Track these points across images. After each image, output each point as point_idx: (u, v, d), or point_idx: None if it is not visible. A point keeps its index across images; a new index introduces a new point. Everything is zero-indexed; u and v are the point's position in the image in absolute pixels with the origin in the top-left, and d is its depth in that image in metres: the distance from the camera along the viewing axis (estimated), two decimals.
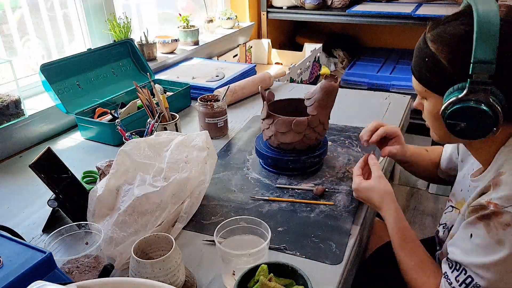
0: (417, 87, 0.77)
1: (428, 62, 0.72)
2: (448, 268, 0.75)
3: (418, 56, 0.75)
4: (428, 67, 0.72)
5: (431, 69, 0.72)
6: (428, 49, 0.72)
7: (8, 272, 0.56)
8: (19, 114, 1.23)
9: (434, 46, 0.71)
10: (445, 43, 0.69)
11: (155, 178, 0.84)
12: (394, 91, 2.25)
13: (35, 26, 1.50)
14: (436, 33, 0.71)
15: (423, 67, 0.73)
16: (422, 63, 0.73)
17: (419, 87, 0.76)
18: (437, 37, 0.71)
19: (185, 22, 1.99)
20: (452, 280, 0.73)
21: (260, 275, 0.66)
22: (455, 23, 0.70)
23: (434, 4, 2.47)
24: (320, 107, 1.01)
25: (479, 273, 0.69)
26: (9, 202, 1.01)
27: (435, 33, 0.72)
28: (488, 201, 0.68)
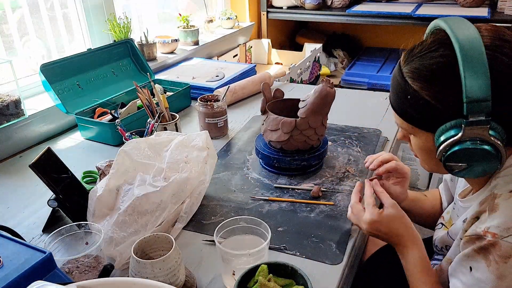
0: (402, 125, 0.71)
1: (411, 100, 0.66)
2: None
3: (399, 93, 0.68)
4: (412, 105, 0.66)
5: (416, 107, 0.66)
6: (408, 86, 0.66)
7: (8, 272, 0.56)
8: (19, 114, 1.23)
9: (415, 83, 0.65)
10: (427, 80, 0.64)
11: (155, 178, 0.84)
12: None
13: (35, 26, 1.50)
14: (413, 69, 0.65)
15: (406, 105, 0.67)
16: (404, 101, 0.67)
17: (404, 124, 0.70)
18: (416, 73, 0.65)
19: (185, 22, 1.99)
20: None
21: (260, 275, 0.66)
22: (433, 55, 0.64)
23: (434, 4, 2.47)
24: (312, 111, 0.99)
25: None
26: (9, 202, 1.01)
27: (413, 68, 0.65)
28: (485, 231, 0.63)
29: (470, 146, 0.62)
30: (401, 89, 0.67)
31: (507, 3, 2.17)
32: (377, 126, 1.31)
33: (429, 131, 0.67)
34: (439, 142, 0.65)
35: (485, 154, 0.62)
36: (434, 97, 0.63)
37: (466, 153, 0.63)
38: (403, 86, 0.67)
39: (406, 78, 0.66)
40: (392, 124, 1.33)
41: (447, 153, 0.64)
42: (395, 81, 0.69)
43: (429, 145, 0.69)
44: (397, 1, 2.60)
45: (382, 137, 1.24)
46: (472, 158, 0.63)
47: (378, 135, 1.25)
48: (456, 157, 0.64)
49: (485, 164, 0.63)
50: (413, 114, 0.67)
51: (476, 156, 0.62)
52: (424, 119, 0.66)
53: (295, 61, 2.26)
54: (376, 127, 1.30)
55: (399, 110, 0.70)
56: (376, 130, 1.28)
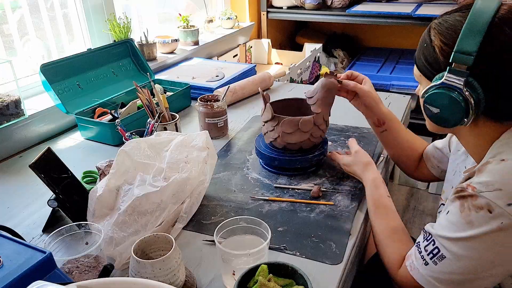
0: (415, 70, 0.80)
1: (425, 48, 0.75)
2: (422, 238, 0.77)
3: (421, 43, 0.77)
4: (424, 52, 0.75)
5: (426, 55, 0.75)
6: (428, 35, 0.75)
7: (8, 272, 0.56)
8: (19, 114, 1.23)
9: (432, 33, 0.74)
10: (441, 31, 0.72)
11: (155, 178, 0.84)
12: (394, 91, 2.25)
13: (35, 26, 1.50)
14: (439, 22, 0.74)
15: (420, 52, 0.77)
16: (421, 48, 0.77)
17: (416, 70, 0.79)
18: (437, 25, 0.73)
19: (185, 22, 1.99)
20: (422, 249, 0.75)
21: (260, 275, 0.66)
22: (456, 14, 0.72)
23: (434, 4, 2.47)
24: (323, 104, 1.03)
25: (446, 245, 0.71)
26: (9, 202, 1.01)
27: (439, 21, 0.74)
28: (468, 184, 0.70)
29: (443, 91, 0.70)
30: (423, 38, 0.76)
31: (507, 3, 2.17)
32: None
33: (429, 80, 0.75)
34: None
35: (454, 102, 0.69)
36: (440, 48, 0.72)
37: (439, 97, 0.71)
38: (425, 35, 0.76)
39: (430, 30, 0.75)
40: None
41: (426, 95, 0.73)
42: (423, 34, 0.77)
43: None
44: (397, 1, 2.60)
45: None
46: (443, 104, 0.71)
47: None
48: (432, 100, 0.73)
49: (452, 112, 0.71)
50: (423, 61, 0.76)
51: (446, 102, 0.70)
52: (429, 68, 0.75)
53: (295, 61, 2.26)
54: None
55: (417, 58, 0.78)
56: None
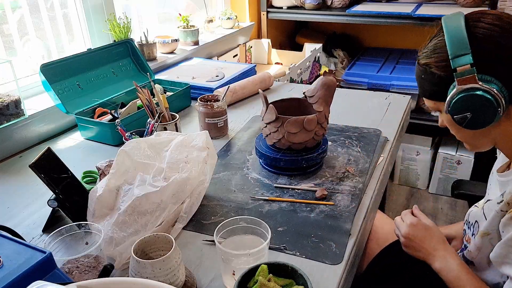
0: (430, 104, 0.83)
1: (425, 78, 0.80)
2: None
3: (418, 78, 0.83)
4: (427, 82, 0.80)
5: (430, 82, 0.80)
6: (421, 67, 0.80)
7: (8, 272, 0.56)
8: (19, 114, 1.23)
9: (423, 62, 0.80)
10: (429, 56, 0.78)
11: (155, 178, 0.84)
12: (394, 91, 2.25)
13: (35, 26, 1.50)
14: (422, 52, 0.81)
15: (424, 85, 0.81)
16: (422, 81, 0.81)
17: (431, 103, 0.83)
18: (424, 54, 0.80)
19: (185, 22, 1.99)
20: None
21: (260, 275, 0.66)
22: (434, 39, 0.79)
23: (434, 4, 2.47)
24: (325, 102, 1.05)
25: None
26: (9, 202, 1.01)
27: (422, 53, 0.81)
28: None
29: (465, 94, 0.73)
30: (419, 74, 0.82)
31: (507, 3, 2.17)
32: (377, 126, 1.31)
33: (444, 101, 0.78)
34: None
35: (480, 100, 0.72)
36: (437, 68, 0.77)
37: (464, 102, 0.73)
38: (419, 70, 0.81)
39: (420, 63, 0.81)
40: (392, 124, 1.33)
41: (449, 108, 0.75)
42: (416, 71, 0.83)
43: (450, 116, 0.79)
44: (397, 1, 2.60)
45: (382, 137, 1.24)
46: (471, 106, 0.73)
47: (378, 135, 1.25)
48: (458, 109, 0.75)
49: (484, 110, 0.73)
50: (430, 89, 0.80)
51: (473, 103, 0.73)
52: (439, 91, 0.78)
53: (295, 61, 2.26)
54: (376, 127, 1.30)
55: (422, 92, 0.83)
56: (376, 130, 1.28)
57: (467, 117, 0.75)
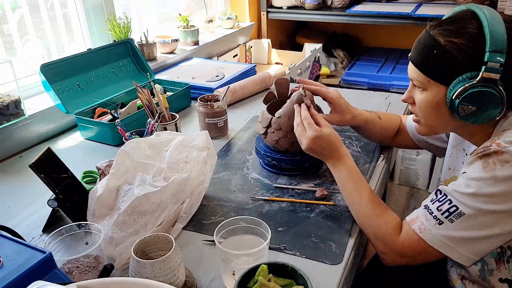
0: (418, 77, 0.80)
1: (436, 54, 0.76)
2: (431, 200, 0.78)
3: (424, 50, 0.78)
4: (436, 58, 0.76)
5: (440, 60, 0.76)
6: (436, 42, 0.76)
7: (8, 272, 0.56)
8: (19, 114, 1.23)
9: (445, 39, 0.75)
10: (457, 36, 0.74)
11: (155, 178, 0.84)
12: (394, 91, 2.25)
13: (35, 26, 1.50)
14: (445, 29, 0.76)
15: (429, 59, 0.77)
16: (428, 55, 0.77)
17: (421, 77, 0.80)
18: (447, 31, 0.76)
19: (185, 22, 1.99)
20: (434, 209, 0.76)
21: (260, 275, 0.66)
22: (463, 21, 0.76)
23: (434, 4, 2.47)
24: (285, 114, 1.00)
25: (466, 202, 0.72)
26: (9, 202, 1.01)
27: (443, 29, 0.76)
28: (491, 143, 0.72)
29: (485, 89, 0.72)
30: (428, 46, 0.77)
31: (507, 3, 2.17)
32: None
33: (443, 84, 0.77)
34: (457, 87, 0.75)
35: (493, 98, 0.73)
36: (460, 51, 0.74)
37: (479, 96, 0.73)
38: (431, 43, 0.77)
39: (435, 37, 0.76)
40: None
41: (463, 94, 0.74)
42: (423, 41, 0.79)
43: (438, 99, 0.79)
44: (397, 1, 2.60)
45: None
46: (482, 101, 0.74)
47: None
48: (470, 99, 0.74)
49: (491, 108, 0.74)
50: (435, 67, 0.77)
51: (485, 98, 0.73)
52: (443, 72, 0.76)
53: (295, 61, 2.26)
54: None
55: (421, 64, 0.79)
56: None
57: (471, 109, 0.75)
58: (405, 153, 2.43)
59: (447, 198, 0.75)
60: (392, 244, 0.80)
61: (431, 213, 0.76)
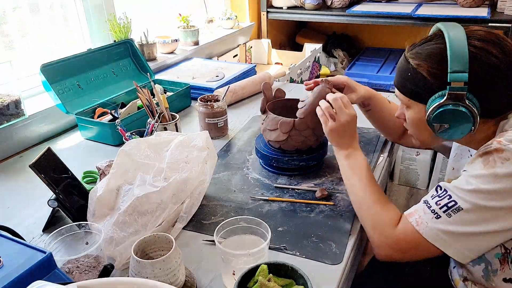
0: (402, 98, 0.86)
1: (410, 76, 0.81)
2: (431, 195, 0.79)
3: (401, 72, 0.84)
4: (411, 80, 0.81)
5: (414, 81, 0.81)
6: (409, 65, 0.81)
7: (8, 272, 0.56)
8: (19, 114, 1.23)
9: (414, 62, 0.80)
10: (424, 59, 0.79)
11: (155, 178, 0.85)
12: (393, 91, 2.24)
13: (35, 26, 1.50)
14: (415, 52, 0.81)
15: (406, 81, 0.83)
16: (405, 77, 0.83)
17: (403, 97, 0.85)
18: (417, 55, 0.81)
19: (185, 22, 1.99)
20: (433, 204, 0.76)
21: (260, 275, 0.66)
22: (431, 43, 0.80)
23: (434, 4, 2.47)
24: (311, 112, 0.99)
25: (466, 197, 0.73)
26: (9, 202, 1.02)
27: (415, 52, 0.82)
28: (492, 141, 0.74)
29: (451, 107, 0.76)
30: (404, 69, 0.83)
31: (507, 3, 2.17)
32: None
33: (422, 103, 0.81)
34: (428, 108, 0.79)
35: (462, 115, 0.76)
36: (428, 73, 0.78)
37: (448, 114, 0.77)
38: (405, 66, 0.83)
39: (408, 60, 0.82)
40: None
41: (433, 114, 0.78)
42: (400, 64, 0.85)
43: (420, 116, 0.83)
44: (397, 1, 2.60)
45: (382, 137, 1.24)
46: (453, 119, 0.77)
47: (378, 135, 1.25)
48: (440, 118, 0.78)
49: (462, 124, 0.77)
50: (412, 88, 0.82)
51: (455, 116, 0.77)
52: (419, 92, 0.81)
53: (295, 61, 2.26)
54: None
55: (401, 86, 0.85)
56: (376, 130, 1.28)
57: (444, 127, 0.79)
58: (405, 153, 2.43)
59: (447, 194, 0.75)
60: (388, 235, 0.80)
61: (429, 207, 0.77)
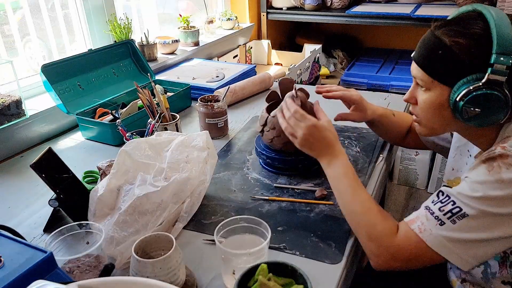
0: (423, 77, 0.79)
1: (441, 54, 0.75)
2: (433, 201, 0.76)
3: (429, 49, 0.77)
4: (441, 59, 0.75)
5: (445, 61, 0.75)
6: (442, 43, 0.75)
7: (9, 271, 0.56)
8: (20, 114, 1.23)
9: (451, 39, 0.74)
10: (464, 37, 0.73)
11: (156, 178, 0.85)
12: (393, 91, 2.25)
13: (36, 27, 1.51)
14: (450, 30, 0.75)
15: (434, 59, 0.76)
16: (434, 55, 0.76)
17: (425, 77, 0.78)
18: (454, 32, 0.74)
19: (186, 23, 1.99)
20: (435, 210, 0.73)
21: (260, 274, 0.66)
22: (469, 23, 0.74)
23: (433, 5, 2.47)
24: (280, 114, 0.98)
25: (470, 203, 0.70)
26: (10, 202, 1.02)
27: (449, 29, 0.75)
28: (496, 146, 0.72)
29: (490, 92, 0.71)
30: (433, 46, 0.76)
31: (506, 3, 2.17)
32: None
33: (447, 85, 0.76)
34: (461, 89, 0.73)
35: (499, 101, 0.71)
36: (467, 52, 0.72)
37: (484, 98, 0.72)
38: (436, 43, 0.75)
39: (440, 37, 0.75)
40: None
41: (468, 97, 0.72)
42: (427, 41, 0.78)
43: (441, 100, 0.77)
44: (396, 2, 2.60)
45: None
46: (487, 104, 0.72)
47: (377, 136, 1.25)
48: (474, 102, 0.72)
49: (496, 111, 0.73)
50: (439, 67, 0.76)
51: (491, 101, 0.72)
52: (448, 73, 0.75)
53: (294, 62, 2.27)
54: None
55: (425, 63, 0.78)
56: None
57: (475, 112, 0.73)
58: (404, 153, 2.43)
59: (450, 199, 0.72)
60: (388, 244, 0.76)
61: (432, 213, 0.73)
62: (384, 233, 0.77)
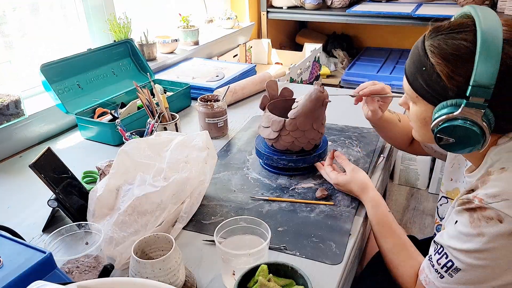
0: (408, 91, 0.78)
1: (425, 72, 0.72)
2: (433, 250, 0.78)
3: (416, 63, 0.74)
4: (424, 76, 0.72)
5: (427, 79, 0.72)
6: (427, 59, 0.71)
7: (8, 272, 0.56)
8: (19, 114, 1.23)
9: (434, 58, 0.70)
10: (446, 58, 0.69)
11: (155, 178, 0.85)
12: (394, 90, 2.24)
13: (35, 26, 1.50)
14: (437, 45, 0.70)
15: (419, 75, 0.73)
16: (419, 70, 0.73)
17: (410, 91, 0.77)
18: (438, 49, 0.70)
19: (185, 22, 1.99)
20: (435, 262, 0.75)
21: (260, 275, 0.66)
22: (456, 36, 0.69)
23: (434, 4, 2.47)
24: (302, 113, 0.99)
25: (460, 258, 0.71)
26: (9, 202, 1.02)
27: (436, 44, 0.70)
28: (474, 196, 0.70)
29: (463, 125, 0.68)
30: (419, 60, 0.73)
31: (507, 3, 2.17)
32: None
33: (430, 104, 0.74)
34: (436, 115, 0.71)
35: (473, 135, 0.68)
36: (446, 75, 0.69)
37: (457, 130, 0.69)
38: (422, 58, 0.72)
39: (426, 51, 0.72)
40: None
41: (441, 125, 0.71)
42: (416, 51, 0.75)
43: (426, 116, 0.76)
44: (397, 1, 2.60)
45: None
46: (461, 136, 0.70)
47: (378, 135, 1.25)
48: (447, 131, 0.70)
49: (470, 143, 0.70)
50: (423, 84, 0.73)
51: (464, 134, 0.69)
52: (430, 92, 0.72)
53: (295, 61, 2.26)
54: None
55: (411, 77, 0.76)
56: None
57: (448, 140, 0.71)
58: (405, 153, 2.43)
59: (444, 252, 0.74)
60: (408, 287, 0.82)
61: (433, 265, 0.76)
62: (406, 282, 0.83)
